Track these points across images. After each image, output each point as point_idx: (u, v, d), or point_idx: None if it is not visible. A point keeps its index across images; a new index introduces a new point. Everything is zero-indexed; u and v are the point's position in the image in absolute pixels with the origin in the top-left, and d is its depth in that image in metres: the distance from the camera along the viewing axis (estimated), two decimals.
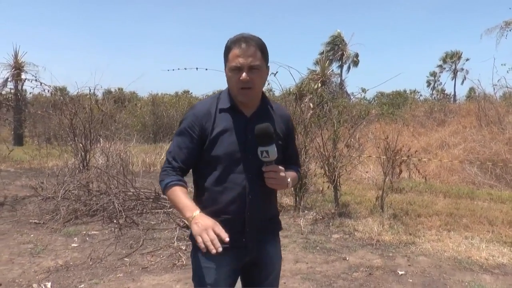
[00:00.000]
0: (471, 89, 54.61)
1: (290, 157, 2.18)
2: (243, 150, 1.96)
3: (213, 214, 1.86)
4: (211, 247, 1.69)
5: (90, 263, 4.75)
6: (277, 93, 8.28)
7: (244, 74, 1.89)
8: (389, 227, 6.05)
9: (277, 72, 6.77)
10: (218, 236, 1.72)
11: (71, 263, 4.73)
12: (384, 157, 6.90)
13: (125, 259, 4.88)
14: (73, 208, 6.48)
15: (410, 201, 7.66)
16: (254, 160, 1.95)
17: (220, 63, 2.05)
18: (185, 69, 7.61)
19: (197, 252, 2.00)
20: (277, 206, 2.24)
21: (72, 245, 5.37)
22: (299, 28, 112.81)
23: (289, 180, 2.01)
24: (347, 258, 4.94)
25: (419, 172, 8.87)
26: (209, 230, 1.73)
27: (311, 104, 6.99)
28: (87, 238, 5.62)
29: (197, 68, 10.25)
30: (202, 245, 1.71)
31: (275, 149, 1.91)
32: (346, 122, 7.21)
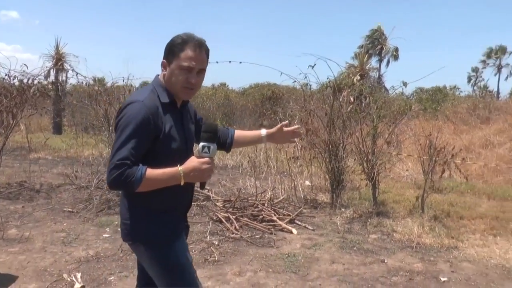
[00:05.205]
0: None
1: None
2: (185, 144, 2.07)
3: (161, 205, 2.03)
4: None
5: (121, 254, 4.68)
6: (313, 86, 8.06)
7: (194, 78, 1.99)
8: (429, 229, 5.75)
9: (315, 64, 6.57)
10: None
11: (102, 254, 4.68)
12: (425, 157, 6.56)
13: None
14: (106, 198, 6.47)
15: (452, 202, 7.29)
16: (190, 154, 2.05)
17: (259, 58, 1.96)
18: (229, 62, 7.44)
19: (174, 243, 2.09)
20: None
21: (104, 235, 5.33)
22: (338, 22, 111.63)
23: None
24: (386, 261, 4.70)
25: (460, 171, 8.45)
26: (203, 165, 1.92)
27: (351, 98, 6.74)
28: (119, 229, 5.54)
29: (240, 62, 10.43)
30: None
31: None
32: (386, 117, 6.92)
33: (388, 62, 40.34)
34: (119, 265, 4.41)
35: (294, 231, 5.63)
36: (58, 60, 21.94)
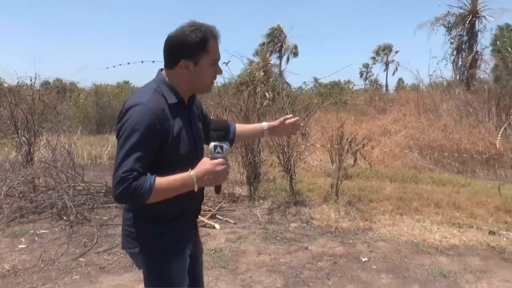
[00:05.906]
0: (400, 80, 57.93)
1: None
2: (195, 146, 1.94)
3: (170, 211, 1.89)
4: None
5: (42, 265, 4.43)
6: (227, 82, 8.19)
7: (219, 67, 1.91)
8: (345, 213, 6.14)
9: (229, 61, 6.69)
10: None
11: (19, 267, 4.39)
12: (338, 146, 6.97)
13: (80, 259, 4.61)
14: (17, 206, 6.04)
15: (360, 187, 7.80)
16: (200, 156, 1.95)
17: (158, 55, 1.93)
18: (128, 64, 7.05)
19: (172, 261, 1.96)
20: None
21: (19, 246, 5.00)
22: (237, 19, 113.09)
23: None
24: (309, 247, 4.95)
25: (364, 158, 9.05)
26: (218, 167, 1.78)
27: (266, 94, 6.95)
28: (36, 238, 5.26)
29: (142, 61, 10.05)
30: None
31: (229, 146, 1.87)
32: (297, 111, 7.23)
33: (288, 58, 41.91)
34: (41, 276, 4.18)
35: (217, 226, 5.70)
36: None
